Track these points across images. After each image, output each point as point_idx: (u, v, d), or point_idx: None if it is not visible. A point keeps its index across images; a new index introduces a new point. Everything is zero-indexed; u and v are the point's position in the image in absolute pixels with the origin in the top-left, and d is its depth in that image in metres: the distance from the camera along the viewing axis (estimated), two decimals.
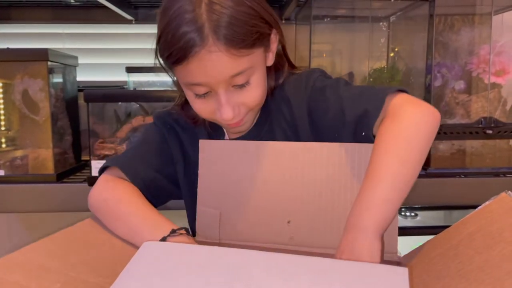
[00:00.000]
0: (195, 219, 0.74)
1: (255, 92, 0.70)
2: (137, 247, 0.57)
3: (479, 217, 0.53)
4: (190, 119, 0.80)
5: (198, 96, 0.69)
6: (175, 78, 0.75)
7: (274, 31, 0.72)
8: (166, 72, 0.73)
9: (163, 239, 0.64)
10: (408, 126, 0.62)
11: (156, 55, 0.70)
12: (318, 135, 0.74)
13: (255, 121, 0.79)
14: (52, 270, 0.54)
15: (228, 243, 0.71)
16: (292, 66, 0.83)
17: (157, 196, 0.79)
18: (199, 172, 0.73)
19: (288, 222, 0.69)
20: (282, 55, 0.79)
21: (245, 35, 0.63)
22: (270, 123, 0.79)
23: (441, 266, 0.52)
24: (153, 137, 0.83)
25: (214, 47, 0.62)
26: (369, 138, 0.67)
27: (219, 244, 0.71)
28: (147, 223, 0.69)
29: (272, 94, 0.78)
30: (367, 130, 0.66)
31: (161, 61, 0.69)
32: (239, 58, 0.64)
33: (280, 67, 0.79)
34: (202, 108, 0.71)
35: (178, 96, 0.82)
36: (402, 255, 0.66)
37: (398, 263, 0.63)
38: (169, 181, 0.82)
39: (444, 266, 0.52)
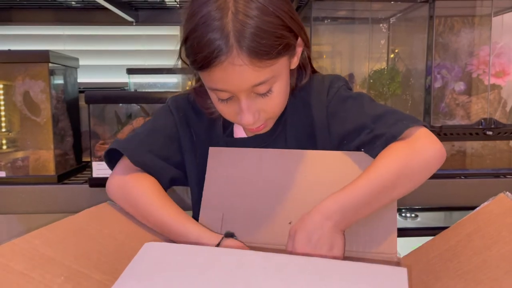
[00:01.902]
0: (200, 205, 0.75)
1: (276, 100, 0.70)
2: (141, 244, 0.58)
3: (477, 218, 0.53)
4: (206, 109, 0.80)
5: (221, 100, 0.69)
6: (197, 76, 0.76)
7: (302, 35, 0.71)
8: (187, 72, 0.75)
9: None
10: (420, 154, 0.65)
11: (179, 55, 0.70)
12: (331, 141, 0.76)
13: None
14: (55, 261, 0.54)
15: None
16: (313, 68, 0.83)
17: (164, 182, 0.79)
18: (206, 176, 0.75)
19: (290, 223, 0.70)
20: (306, 57, 0.78)
21: (270, 47, 0.63)
22: (284, 124, 0.79)
23: (439, 266, 0.53)
24: (163, 124, 0.82)
25: (237, 58, 0.61)
26: (371, 157, 0.70)
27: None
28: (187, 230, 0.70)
29: (292, 93, 0.78)
30: (375, 151, 0.69)
31: (185, 61, 0.69)
32: (262, 69, 0.64)
33: (304, 69, 0.78)
34: (225, 111, 0.72)
35: (196, 80, 0.81)
36: (402, 256, 0.66)
37: (397, 263, 0.63)
38: (177, 169, 0.82)
39: (442, 267, 0.52)
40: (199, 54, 0.63)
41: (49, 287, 0.49)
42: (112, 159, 0.80)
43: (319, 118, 0.76)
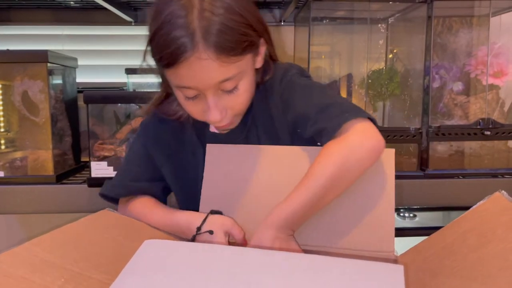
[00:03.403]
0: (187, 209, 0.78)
1: (242, 97, 0.72)
2: (140, 243, 0.58)
3: (473, 216, 0.53)
4: (172, 115, 0.82)
5: (187, 98, 0.71)
6: (160, 80, 0.79)
7: (265, 35, 0.74)
8: (154, 72, 0.76)
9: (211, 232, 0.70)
10: (354, 153, 0.66)
11: (144, 55, 0.72)
12: (289, 129, 0.77)
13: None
14: (56, 265, 0.55)
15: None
16: (275, 60, 0.84)
17: (158, 196, 0.87)
18: (204, 173, 0.76)
19: None
20: (268, 55, 0.80)
21: (235, 43, 0.65)
22: (253, 118, 0.80)
23: (436, 264, 0.53)
24: (136, 150, 0.87)
25: (204, 53, 0.63)
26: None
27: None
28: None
29: (258, 88, 0.79)
30: (321, 143, 0.70)
31: (150, 62, 0.72)
32: (228, 64, 0.65)
33: (267, 67, 0.80)
34: (192, 109, 0.73)
35: (158, 97, 0.83)
36: (399, 255, 0.67)
37: (394, 261, 0.63)
38: (164, 180, 0.87)
39: (438, 264, 0.52)
40: (165, 51, 0.64)
41: None
42: (109, 196, 0.86)
43: (276, 108, 0.78)
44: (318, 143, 0.72)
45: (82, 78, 1.59)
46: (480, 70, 1.27)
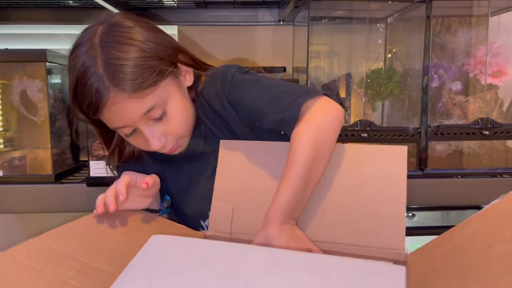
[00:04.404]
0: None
1: (176, 120, 0.73)
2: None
3: (484, 216, 0.53)
4: (128, 158, 0.83)
5: (127, 135, 0.74)
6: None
7: (179, 57, 0.74)
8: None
9: None
10: (322, 130, 0.69)
11: (74, 115, 0.73)
12: (244, 125, 0.78)
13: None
14: (68, 256, 0.57)
15: (238, 238, 0.73)
16: (207, 67, 0.84)
17: None
18: (217, 168, 0.77)
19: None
20: (193, 67, 0.80)
21: (143, 79, 0.67)
22: (204, 131, 0.81)
23: (442, 264, 0.53)
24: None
25: (117, 97, 0.66)
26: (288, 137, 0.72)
27: (230, 239, 0.73)
28: None
29: (197, 101, 0.80)
30: (285, 132, 0.72)
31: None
32: (144, 98, 0.68)
33: (197, 78, 0.80)
34: (136, 143, 0.76)
35: (112, 150, 0.83)
36: (409, 253, 0.67)
37: (404, 260, 0.63)
38: None
39: (444, 265, 0.52)
40: (85, 103, 0.68)
41: (60, 281, 0.51)
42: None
43: (223, 111, 0.78)
44: (282, 132, 0.74)
45: None
46: (479, 69, 1.27)
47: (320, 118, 0.69)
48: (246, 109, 0.75)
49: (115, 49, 0.67)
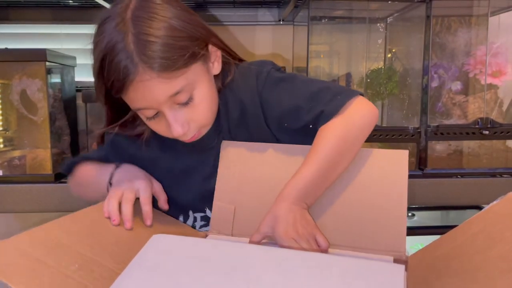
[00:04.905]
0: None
1: (201, 107, 0.71)
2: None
3: (484, 217, 0.53)
4: (135, 136, 0.80)
5: (149, 118, 0.71)
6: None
7: (212, 40, 0.72)
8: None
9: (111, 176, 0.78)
10: (355, 125, 0.70)
11: (96, 90, 0.71)
12: (270, 125, 0.77)
13: None
14: (72, 249, 0.57)
15: (240, 239, 0.73)
16: (240, 60, 0.82)
17: None
18: (218, 169, 0.77)
19: None
20: (225, 56, 0.78)
21: (175, 59, 0.64)
22: (220, 126, 0.79)
23: (443, 265, 0.53)
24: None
25: (145, 75, 0.63)
26: (315, 131, 0.72)
27: (232, 239, 0.73)
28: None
29: (222, 93, 0.78)
30: (318, 126, 0.72)
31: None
32: (173, 79, 0.65)
33: (227, 69, 0.78)
34: (156, 128, 0.73)
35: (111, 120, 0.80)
36: (409, 254, 0.67)
37: (405, 262, 0.63)
38: None
39: (445, 265, 0.52)
40: (111, 79, 0.65)
41: (63, 274, 0.51)
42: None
43: (251, 107, 0.76)
44: (311, 126, 0.73)
45: (80, 77, 1.59)
46: (479, 69, 1.27)
47: (354, 116, 0.71)
48: (281, 105, 0.74)
49: (148, 25, 0.64)
